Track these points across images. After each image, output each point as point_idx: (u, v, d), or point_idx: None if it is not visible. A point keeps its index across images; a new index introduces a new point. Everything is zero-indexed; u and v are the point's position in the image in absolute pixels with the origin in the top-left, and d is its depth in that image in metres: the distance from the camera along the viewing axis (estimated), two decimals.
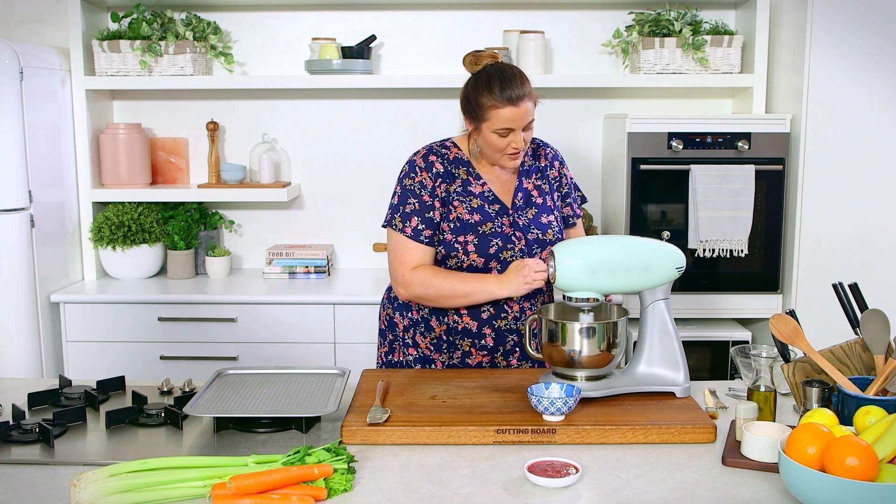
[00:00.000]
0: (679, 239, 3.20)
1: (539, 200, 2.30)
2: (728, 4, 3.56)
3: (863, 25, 3.03)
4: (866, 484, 1.34)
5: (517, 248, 2.23)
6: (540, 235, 2.26)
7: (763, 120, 3.20)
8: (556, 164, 2.37)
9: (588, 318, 1.98)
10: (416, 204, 2.22)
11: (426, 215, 2.22)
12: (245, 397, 1.90)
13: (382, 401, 1.90)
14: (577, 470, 1.57)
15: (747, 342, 3.28)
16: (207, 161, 3.62)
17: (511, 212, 2.26)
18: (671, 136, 3.18)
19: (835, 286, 1.93)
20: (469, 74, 2.22)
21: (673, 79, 3.36)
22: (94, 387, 2.08)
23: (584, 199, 2.46)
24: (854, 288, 1.92)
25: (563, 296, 1.99)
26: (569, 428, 1.75)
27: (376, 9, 3.61)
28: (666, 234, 3.21)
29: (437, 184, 2.23)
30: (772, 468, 1.61)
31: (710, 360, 3.31)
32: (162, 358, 3.23)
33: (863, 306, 1.90)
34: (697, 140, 3.19)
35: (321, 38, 3.50)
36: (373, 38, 3.50)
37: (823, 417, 1.57)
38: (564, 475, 1.55)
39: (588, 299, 1.96)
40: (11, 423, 1.82)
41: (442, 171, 2.24)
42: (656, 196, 3.23)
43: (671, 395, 1.94)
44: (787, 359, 1.89)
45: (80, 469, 1.61)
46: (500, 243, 2.22)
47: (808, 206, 3.13)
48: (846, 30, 3.03)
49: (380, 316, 2.43)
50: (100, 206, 3.52)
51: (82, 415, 1.88)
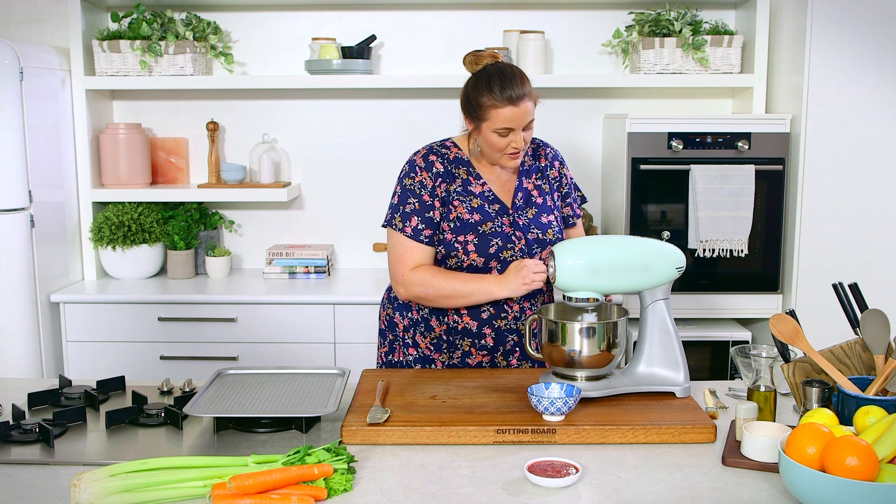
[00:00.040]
0: (679, 239, 3.20)
1: (539, 200, 2.30)
2: (728, 4, 3.56)
3: (863, 25, 3.03)
4: (866, 484, 1.34)
5: (517, 248, 2.23)
6: (540, 235, 2.25)
7: (763, 120, 3.20)
8: (557, 163, 2.37)
9: (589, 317, 1.98)
10: (416, 204, 2.22)
11: (426, 215, 2.22)
12: (245, 397, 1.90)
13: (382, 401, 1.90)
14: (577, 470, 1.57)
15: (747, 342, 3.28)
16: (207, 161, 3.62)
17: (511, 211, 2.26)
18: (671, 136, 3.18)
19: (835, 286, 1.93)
20: (469, 74, 2.22)
21: (673, 79, 3.36)
22: (94, 387, 2.08)
23: (583, 199, 2.46)
24: (854, 288, 1.92)
25: (563, 296, 1.99)
26: (569, 428, 1.75)
27: (376, 9, 3.61)
28: (666, 234, 3.21)
29: (437, 183, 2.23)
30: (772, 468, 1.61)
31: (710, 360, 3.31)
32: (162, 358, 3.23)
33: (863, 306, 1.90)
34: (697, 140, 3.18)
35: (321, 38, 3.50)
36: (373, 38, 3.50)
37: (823, 417, 1.57)
38: (564, 475, 1.55)
39: (588, 299, 1.96)
40: (11, 423, 1.82)
41: (442, 170, 2.24)
42: (656, 196, 3.23)
43: (671, 395, 1.94)
44: (787, 359, 1.89)
45: (80, 469, 1.61)
46: (500, 243, 2.21)
47: (808, 206, 3.13)
48: (846, 30, 3.03)
49: (380, 316, 2.42)
50: (100, 206, 3.52)
51: (82, 415, 1.88)
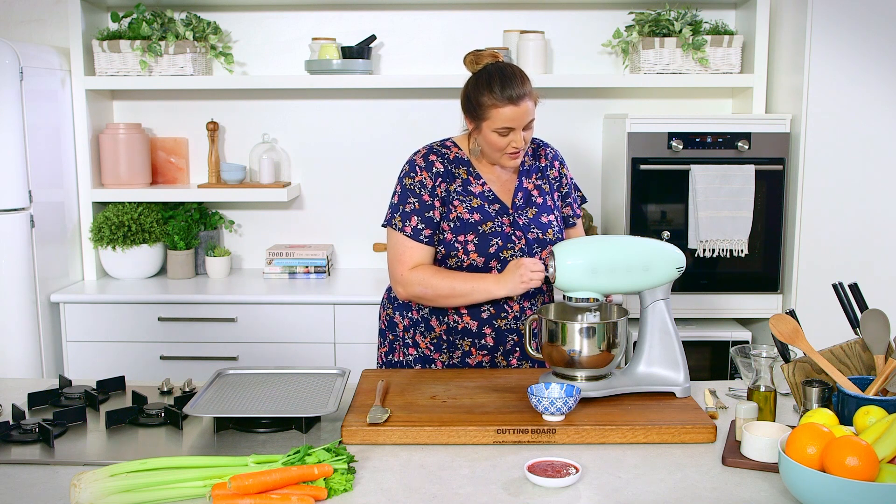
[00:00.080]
0: (679, 239, 3.20)
1: (539, 200, 2.30)
2: (728, 4, 3.56)
3: (863, 25, 3.03)
4: (866, 484, 1.34)
5: (517, 248, 2.23)
6: (540, 235, 2.25)
7: (763, 120, 3.20)
8: (557, 164, 2.37)
9: (589, 317, 1.98)
10: (416, 203, 2.22)
11: (426, 215, 2.22)
12: (245, 397, 1.90)
13: (382, 401, 1.90)
14: (577, 470, 1.57)
15: (747, 342, 3.28)
16: (207, 161, 3.62)
17: (511, 211, 2.26)
18: (671, 136, 3.18)
19: (835, 286, 1.93)
20: (470, 73, 2.22)
21: (673, 79, 3.36)
22: (94, 387, 2.08)
23: (583, 200, 2.46)
24: (854, 288, 1.92)
25: (563, 296, 1.99)
26: (569, 428, 1.75)
27: (376, 9, 3.61)
28: (666, 234, 3.21)
29: (437, 183, 2.23)
30: (772, 468, 1.61)
31: (710, 360, 3.31)
32: (162, 358, 3.23)
33: (863, 306, 1.90)
34: (697, 140, 3.18)
35: (321, 38, 3.50)
36: (373, 38, 3.50)
37: (823, 417, 1.57)
38: (564, 475, 1.55)
39: (588, 299, 1.96)
40: (11, 423, 1.82)
41: (442, 170, 2.24)
42: (656, 196, 3.23)
43: (671, 395, 1.94)
44: (787, 359, 1.89)
45: (80, 469, 1.61)
46: (500, 243, 2.21)
47: (808, 206, 3.13)
48: (846, 30, 3.03)
49: (380, 316, 2.42)
50: (100, 206, 3.52)
51: (82, 415, 1.88)
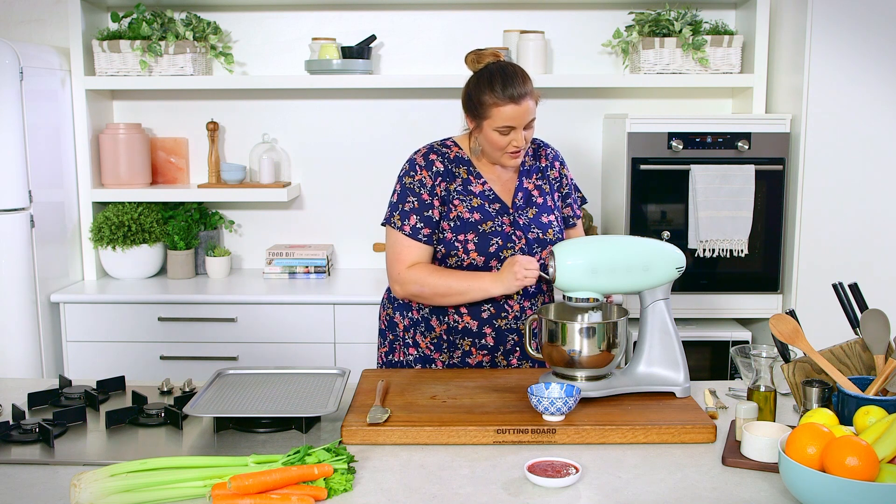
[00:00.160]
0: (679, 239, 3.20)
1: (539, 200, 2.30)
2: (728, 4, 3.56)
3: (863, 25, 3.03)
4: (866, 484, 1.34)
5: (517, 248, 2.22)
6: (540, 235, 2.25)
7: (763, 120, 3.20)
8: (557, 164, 2.37)
9: (589, 317, 1.98)
10: (416, 202, 2.22)
11: (425, 214, 2.22)
12: (245, 397, 1.90)
13: (382, 401, 1.90)
14: (577, 470, 1.57)
15: (747, 342, 3.28)
16: (207, 161, 3.62)
17: (511, 211, 2.26)
18: (671, 136, 3.18)
19: (835, 286, 1.93)
20: (471, 73, 2.23)
21: (673, 79, 3.36)
22: (94, 387, 2.08)
23: (584, 200, 2.46)
24: (854, 288, 1.92)
25: (563, 296, 1.99)
26: (569, 428, 1.75)
27: (376, 9, 3.61)
28: (666, 234, 3.21)
29: (436, 182, 2.23)
30: (772, 468, 1.61)
31: (710, 360, 3.31)
32: (162, 358, 3.23)
33: (863, 306, 1.90)
34: (697, 140, 3.18)
35: (321, 38, 3.50)
36: (373, 38, 3.50)
37: (823, 417, 1.57)
38: (564, 475, 1.55)
39: (588, 299, 1.96)
40: (11, 423, 1.82)
41: (442, 169, 2.24)
42: (656, 196, 3.23)
43: (671, 395, 1.94)
44: (787, 359, 1.89)
45: (80, 469, 1.61)
46: (500, 242, 2.21)
47: (808, 206, 3.13)
48: (846, 30, 3.03)
49: (380, 316, 2.42)
50: (100, 206, 3.52)
51: (82, 415, 1.88)
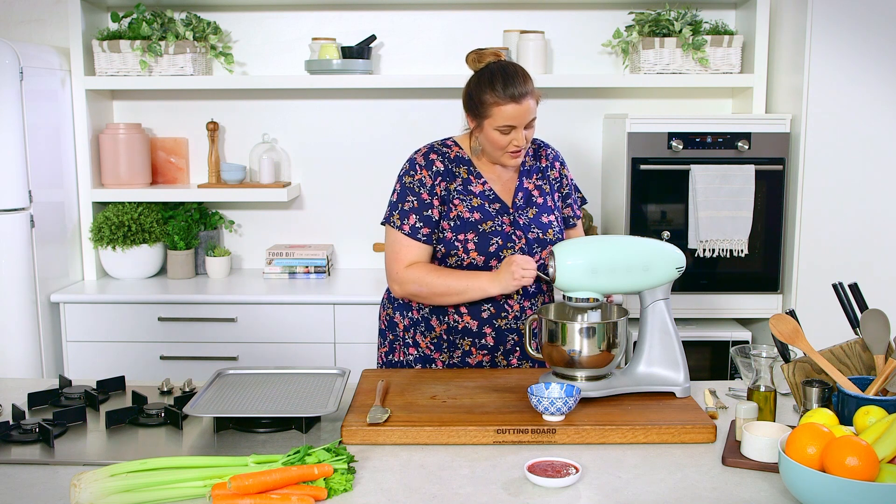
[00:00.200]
0: (679, 239, 3.20)
1: (540, 200, 2.30)
2: (728, 4, 3.56)
3: (863, 25, 3.03)
4: (866, 484, 1.34)
5: (517, 248, 2.22)
6: (540, 235, 2.25)
7: (763, 120, 3.20)
8: (558, 164, 2.37)
9: (589, 317, 1.98)
10: (415, 202, 2.22)
11: (424, 213, 2.22)
12: (245, 397, 1.90)
13: (382, 401, 1.90)
14: (577, 470, 1.57)
15: (747, 342, 3.28)
16: (207, 161, 3.62)
17: (511, 211, 2.26)
18: (671, 136, 3.18)
19: (835, 286, 1.93)
20: (472, 72, 2.23)
21: (673, 79, 3.36)
22: (94, 387, 2.08)
23: (584, 201, 2.46)
24: (854, 288, 1.92)
25: (563, 296, 1.99)
26: (569, 428, 1.75)
27: (376, 9, 3.61)
28: (666, 234, 3.21)
29: (436, 182, 2.23)
30: (772, 468, 1.61)
31: (710, 360, 3.31)
32: (162, 358, 3.23)
33: (863, 306, 1.90)
34: (697, 140, 3.18)
35: (321, 38, 3.50)
36: (373, 38, 3.50)
37: (823, 417, 1.57)
38: (564, 475, 1.55)
39: (588, 299, 1.96)
40: (11, 423, 1.82)
41: (442, 169, 2.24)
42: (656, 196, 3.23)
43: (671, 395, 1.94)
44: (787, 359, 1.89)
45: (80, 469, 1.61)
46: (500, 242, 2.21)
47: (808, 206, 3.13)
48: (846, 30, 3.03)
49: (380, 316, 2.42)
50: (100, 206, 3.52)
51: (82, 415, 1.88)
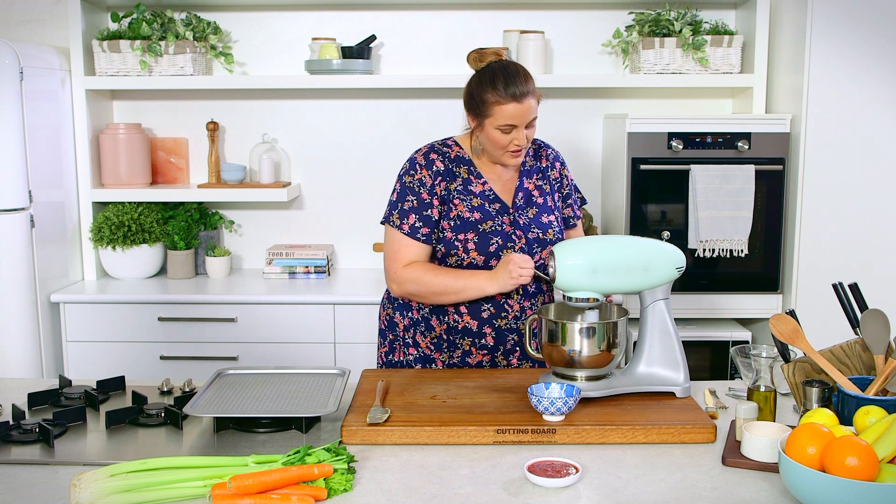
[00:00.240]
0: (679, 239, 3.20)
1: (540, 200, 2.30)
2: (728, 4, 3.56)
3: (863, 25, 3.03)
4: (866, 484, 1.34)
5: (517, 248, 2.22)
6: (540, 235, 2.25)
7: (763, 120, 3.20)
8: (558, 164, 2.37)
9: (589, 317, 1.98)
10: (415, 201, 2.22)
11: (424, 213, 2.22)
12: (245, 397, 1.90)
13: (382, 401, 1.90)
14: (577, 470, 1.57)
15: (747, 342, 3.28)
16: (207, 161, 3.62)
17: (511, 211, 2.26)
18: (671, 136, 3.18)
19: (835, 286, 1.93)
20: (472, 72, 2.23)
21: (673, 79, 3.36)
22: (94, 387, 2.08)
23: (583, 201, 2.46)
24: (854, 288, 1.92)
25: (563, 296, 1.99)
26: (569, 428, 1.75)
27: (376, 9, 3.61)
28: (666, 234, 3.21)
29: (436, 181, 2.23)
30: (772, 468, 1.61)
31: (710, 360, 3.31)
32: (162, 358, 3.23)
33: (863, 306, 1.90)
34: (697, 140, 3.18)
35: (321, 38, 3.50)
36: (373, 38, 3.50)
37: (823, 417, 1.57)
38: (564, 475, 1.55)
39: (588, 299, 1.96)
40: (11, 423, 1.82)
41: (442, 169, 2.24)
42: (656, 196, 3.23)
43: (671, 395, 1.94)
44: (787, 359, 1.89)
45: (80, 469, 1.61)
46: (500, 242, 2.21)
47: (808, 206, 3.13)
48: (846, 30, 3.03)
49: (380, 316, 2.42)
50: (100, 206, 3.52)
51: (82, 415, 1.88)
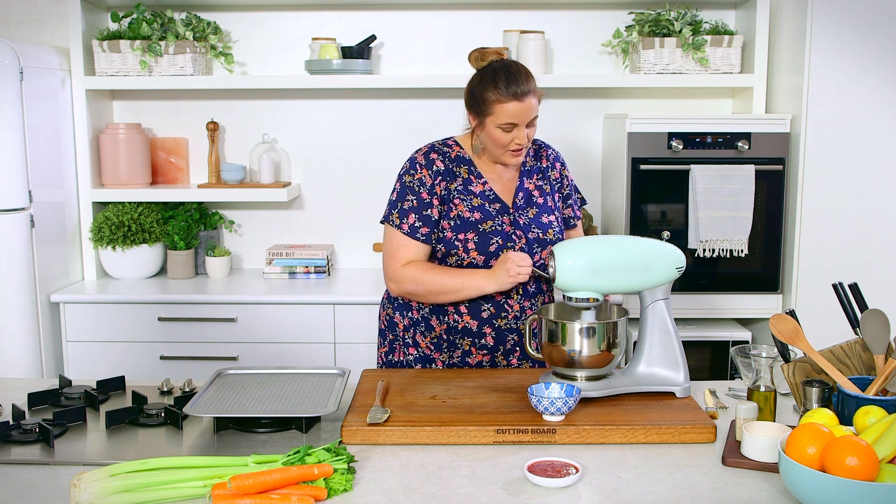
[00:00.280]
0: (679, 239, 3.20)
1: (540, 200, 2.30)
2: (728, 4, 3.56)
3: (863, 25, 3.03)
4: (866, 484, 1.34)
5: (517, 248, 2.22)
6: (540, 235, 2.25)
7: (763, 120, 3.20)
8: (558, 165, 2.37)
9: (589, 317, 1.98)
10: (415, 201, 2.22)
11: (424, 213, 2.22)
12: (245, 397, 1.90)
13: (382, 401, 1.90)
14: (577, 470, 1.57)
15: (747, 342, 3.28)
16: (207, 161, 3.62)
17: (512, 211, 2.26)
18: (671, 136, 3.18)
19: (835, 286, 1.93)
20: (474, 71, 2.23)
21: (673, 79, 3.36)
22: (94, 387, 2.08)
23: (583, 202, 2.46)
24: (854, 288, 1.92)
25: (563, 296, 1.99)
26: (569, 428, 1.75)
27: (376, 9, 3.61)
28: (666, 234, 3.21)
29: (436, 181, 2.23)
30: (772, 468, 1.61)
31: (710, 360, 3.31)
32: (162, 358, 3.23)
33: (863, 306, 1.90)
34: (697, 140, 3.18)
35: (321, 38, 3.50)
36: (373, 38, 3.50)
37: (823, 417, 1.57)
38: (564, 475, 1.55)
39: (588, 299, 1.96)
40: (11, 423, 1.82)
41: (443, 168, 2.24)
42: (656, 196, 3.23)
43: (671, 395, 1.94)
44: (787, 359, 1.89)
45: (80, 469, 1.61)
46: (500, 242, 2.21)
47: (808, 206, 3.13)
48: (846, 30, 3.03)
49: (380, 316, 2.42)
50: (100, 206, 3.52)
51: (82, 415, 1.88)
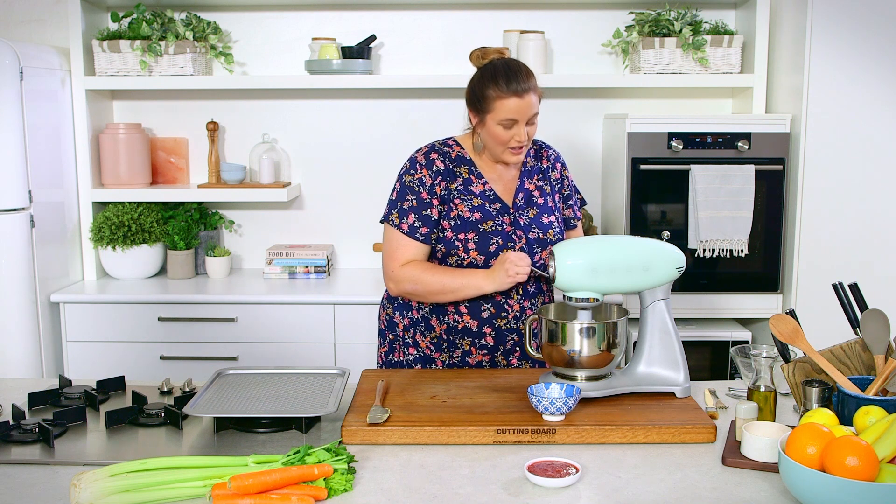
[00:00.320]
0: (679, 239, 3.20)
1: (540, 201, 2.30)
2: (728, 4, 3.56)
3: (863, 25, 3.03)
4: (866, 484, 1.34)
5: (517, 248, 2.22)
6: (541, 235, 2.25)
7: (763, 120, 3.20)
8: (559, 165, 2.37)
9: (589, 317, 1.98)
10: (414, 201, 2.22)
11: (423, 213, 2.22)
12: (245, 397, 1.90)
13: (382, 401, 1.90)
14: (577, 470, 1.57)
15: (747, 342, 3.28)
16: (207, 161, 3.62)
17: (512, 211, 2.26)
18: (671, 136, 3.18)
19: (835, 286, 1.93)
20: (474, 70, 2.23)
21: (673, 79, 3.36)
22: (94, 387, 2.08)
23: (583, 202, 2.47)
24: (854, 288, 1.92)
25: (563, 296, 1.99)
26: (569, 428, 1.75)
27: (376, 9, 3.61)
28: (666, 234, 3.21)
29: (436, 181, 2.23)
30: (772, 468, 1.61)
31: (710, 360, 3.31)
32: (162, 358, 3.23)
33: (863, 306, 1.90)
34: (697, 140, 3.18)
35: (321, 38, 3.50)
36: (373, 38, 3.50)
37: (823, 417, 1.57)
38: (564, 475, 1.55)
39: (588, 299, 1.96)
40: (11, 423, 1.82)
41: (443, 168, 2.24)
42: (656, 196, 3.23)
43: (671, 395, 1.94)
44: (787, 359, 1.89)
45: (80, 469, 1.61)
46: (500, 242, 2.21)
47: (808, 206, 3.13)
48: (846, 30, 3.03)
49: (380, 316, 2.42)
50: (100, 206, 3.52)
51: (82, 415, 1.88)
